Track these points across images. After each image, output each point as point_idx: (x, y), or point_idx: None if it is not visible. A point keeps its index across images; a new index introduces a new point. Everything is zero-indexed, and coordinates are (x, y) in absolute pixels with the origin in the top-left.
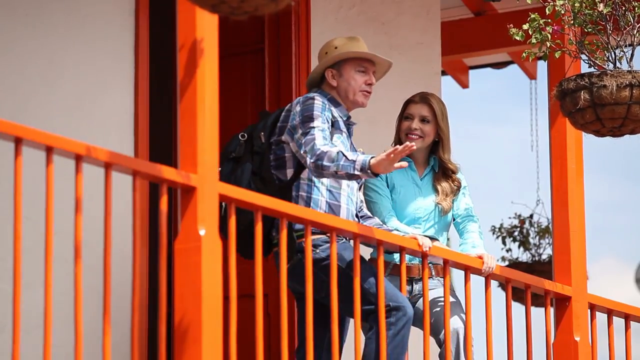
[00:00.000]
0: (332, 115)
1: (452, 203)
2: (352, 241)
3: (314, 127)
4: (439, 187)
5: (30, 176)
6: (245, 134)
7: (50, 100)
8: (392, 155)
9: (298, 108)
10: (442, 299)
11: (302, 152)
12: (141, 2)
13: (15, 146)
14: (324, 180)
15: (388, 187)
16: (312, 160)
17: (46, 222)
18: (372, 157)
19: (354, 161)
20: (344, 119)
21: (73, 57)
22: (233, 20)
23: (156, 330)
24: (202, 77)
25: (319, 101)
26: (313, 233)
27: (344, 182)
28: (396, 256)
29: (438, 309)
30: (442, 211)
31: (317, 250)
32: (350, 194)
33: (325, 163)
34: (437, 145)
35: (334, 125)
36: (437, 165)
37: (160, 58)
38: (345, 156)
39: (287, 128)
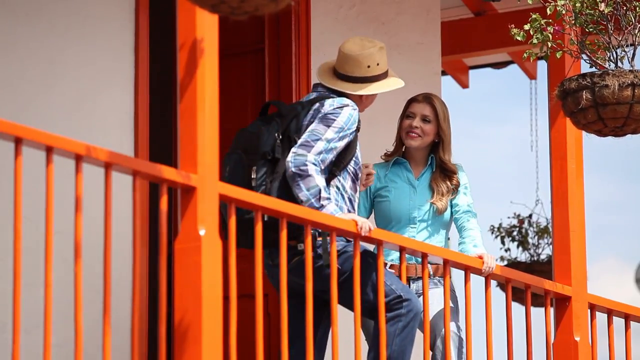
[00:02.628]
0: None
1: (450, 202)
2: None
3: (321, 136)
4: (435, 187)
5: (30, 176)
6: (280, 134)
7: (50, 101)
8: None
9: (328, 108)
10: (438, 304)
11: (293, 149)
12: (141, 2)
13: (15, 146)
14: (347, 188)
15: (381, 182)
16: (293, 170)
17: (46, 222)
18: (338, 213)
19: (322, 207)
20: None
21: (73, 58)
22: (233, 20)
23: (156, 330)
24: (202, 77)
25: (350, 112)
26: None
27: (357, 189)
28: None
29: (434, 314)
30: (436, 211)
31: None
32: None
33: (300, 184)
34: (438, 146)
35: (359, 130)
36: (435, 164)
37: (160, 58)
38: (319, 197)
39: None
